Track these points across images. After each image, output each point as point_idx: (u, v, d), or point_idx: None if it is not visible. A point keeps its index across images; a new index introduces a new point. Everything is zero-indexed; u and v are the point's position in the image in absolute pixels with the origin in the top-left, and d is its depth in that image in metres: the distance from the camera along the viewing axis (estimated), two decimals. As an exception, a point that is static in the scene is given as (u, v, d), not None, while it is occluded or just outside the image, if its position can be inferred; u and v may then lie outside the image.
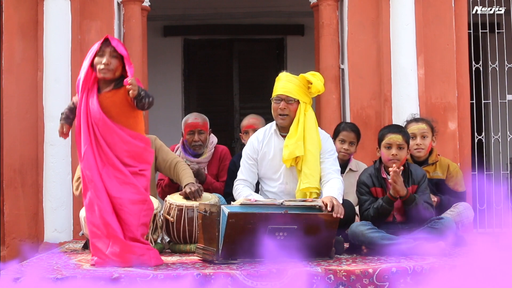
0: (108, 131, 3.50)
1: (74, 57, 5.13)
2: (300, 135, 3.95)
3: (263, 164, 4.09)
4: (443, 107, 5.33)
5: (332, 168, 3.99)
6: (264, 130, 4.17)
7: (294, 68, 6.81)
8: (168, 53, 8.02)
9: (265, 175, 4.11)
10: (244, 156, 4.15)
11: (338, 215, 3.58)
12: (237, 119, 8.08)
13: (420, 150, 4.38)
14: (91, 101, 3.51)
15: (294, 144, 3.94)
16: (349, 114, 5.35)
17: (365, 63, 5.34)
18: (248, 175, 4.11)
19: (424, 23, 5.30)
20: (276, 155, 4.06)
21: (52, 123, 4.97)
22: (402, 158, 3.97)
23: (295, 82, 4.00)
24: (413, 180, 4.00)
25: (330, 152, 4.05)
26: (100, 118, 3.49)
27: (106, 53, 3.51)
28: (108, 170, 3.46)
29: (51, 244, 4.95)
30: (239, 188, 4.07)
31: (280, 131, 4.08)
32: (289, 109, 3.99)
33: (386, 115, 5.23)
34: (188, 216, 3.99)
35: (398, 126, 4.16)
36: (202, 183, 4.64)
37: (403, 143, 3.97)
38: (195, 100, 8.26)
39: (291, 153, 3.94)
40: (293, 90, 3.97)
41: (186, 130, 4.82)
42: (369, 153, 5.05)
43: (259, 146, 4.11)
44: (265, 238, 3.44)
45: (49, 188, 5.02)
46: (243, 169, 4.13)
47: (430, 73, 5.30)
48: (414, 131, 4.40)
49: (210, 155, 4.88)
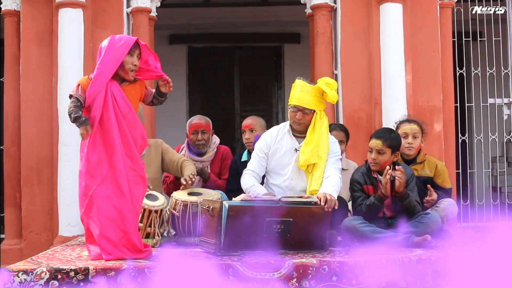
0: (133, 125, 3.40)
1: (86, 63, 5.13)
2: (316, 143, 3.96)
3: (273, 159, 4.09)
4: (430, 109, 5.33)
5: (333, 166, 4.00)
6: (278, 128, 4.16)
7: (291, 73, 6.83)
8: (174, 60, 8.01)
9: (273, 170, 4.11)
10: (256, 150, 4.15)
11: (329, 209, 3.59)
12: (238, 121, 8.08)
13: (410, 149, 4.38)
14: (117, 94, 3.36)
15: (310, 152, 3.95)
16: (342, 116, 5.35)
17: (357, 69, 5.34)
18: (257, 167, 4.11)
19: (412, 32, 5.30)
20: (287, 153, 4.06)
21: (66, 125, 4.97)
22: (381, 162, 3.95)
23: (311, 92, 3.96)
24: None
25: (335, 153, 4.06)
26: (128, 112, 3.37)
27: (135, 54, 3.41)
28: (128, 163, 3.36)
29: (65, 237, 4.94)
30: (246, 177, 4.08)
31: (293, 132, 4.09)
32: (305, 119, 4.00)
33: (377, 117, 5.22)
34: (193, 211, 3.98)
35: (386, 131, 4.11)
36: (206, 180, 4.65)
37: (383, 149, 3.95)
38: (198, 103, 8.26)
39: (307, 159, 3.96)
40: (309, 101, 3.95)
41: (190, 130, 4.82)
42: (360, 153, 5.05)
43: (272, 142, 4.10)
44: (264, 230, 3.45)
45: (63, 185, 5.02)
46: (253, 160, 4.13)
47: (417, 78, 5.30)
48: (406, 130, 4.39)
49: (213, 155, 4.88)
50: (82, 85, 3.38)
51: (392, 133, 4.09)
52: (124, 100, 3.39)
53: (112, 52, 3.35)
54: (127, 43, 3.38)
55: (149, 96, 3.61)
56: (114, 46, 3.36)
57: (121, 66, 3.38)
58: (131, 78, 3.44)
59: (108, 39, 3.40)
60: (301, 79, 4.04)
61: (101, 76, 3.34)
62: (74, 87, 3.40)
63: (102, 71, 3.34)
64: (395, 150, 4.01)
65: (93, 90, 3.34)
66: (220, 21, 7.98)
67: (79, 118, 3.31)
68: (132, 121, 3.40)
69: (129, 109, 3.39)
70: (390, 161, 4.00)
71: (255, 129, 4.75)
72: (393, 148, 3.99)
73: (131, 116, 3.40)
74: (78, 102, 3.35)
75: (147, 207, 3.89)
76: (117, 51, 3.35)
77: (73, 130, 4.55)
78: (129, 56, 3.38)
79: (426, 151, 4.64)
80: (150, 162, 4.46)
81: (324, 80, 3.98)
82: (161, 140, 4.65)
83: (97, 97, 3.34)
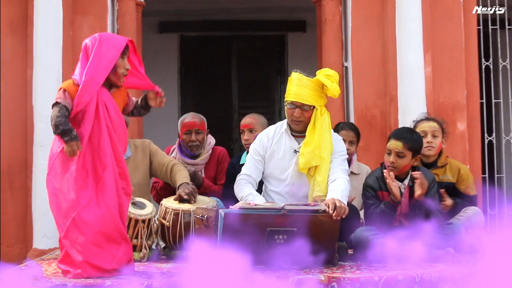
0: (123, 138, 3.39)
1: (65, 54, 5.12)
2: (317, 143, 3.95)
3: (271, 162, 4.09)
4: (452, 106, 5.31)
5: (339, 167, 3.98)
6: (274, 128, 4.15)
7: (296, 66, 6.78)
8: (164, 51, 8.02)
9: (271, 174, 4.10)
10: (251, 152, 4.14)
11: (338, 217, 3.56)
12: (236, 119, 8.07)
13: (430, 148, 4.37)
14: (109, 103, 3.32)
15: (311, 153, 3.94)
16: (353, 114, 5.35)
17: (369, 60, 5.33)
18: (253, 171, 4.09)
19: (432, 18, 5.29)
20: (286, 154, 4.05)
21: (42, 123, 4.96)
22: (400, 166, 3.96)
23: (310, 86, 3.94)
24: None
25: (340, 153, 4.04)
26: (120, 124, 3.36)
27: (127, 56, 3.38)
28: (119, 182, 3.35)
29: (41, 250, 4.93)
30: (241, 183, 4.07)
31: (291, 131, 4.08)
32: (304, 116, 3.98)
33: (392, 115, 5.21)
34: (185, 220, 3.97)
35: (407, 131, 4.11)
36: (199, 186, 4.63)
37: (403, 151, 3.95)
38: (191, 99, 8.26)
39: (307, 162, 3.94)
40: (308, 96, 3.94)
41: (182, 130, 4.81)
42: (374, 155, 5.05)
43: (269, 144, 4.10)
44: (265, 242, 3.44)
45: (38, 192, 5.00)
46: (248, 164, 4.12)
47: (438, 71, 5.29)
48: (425, 128, 4.40)
49: (208, 157, 4.86)
50: (69, 91, 3.31)
51: (414, 134, 4.09)
52: (116, 111, 3.37)
53: (102, 55, 3.31)
54: (119, 45, 3.35)
55: (130, 106, 3.58)
56: (104, 47, 3.32)
57: (112, 70, 3.35)
58: (121, 84, 3.42)
59: (97, 39, 3.35)
60: (297, 71, 4.02)
61: (91, 82, 3.29)
62: (59, 93, 3.32)
63: (92, 76, 3.29)
64: (416, 154, 4.01)
65: (83, 98, 3.28)
66: (216, 7, 7.98)
67: (70, 132, 3.23)
68: (122, 134, 3.40)
69: (120, 121, 3.38)
70: (410, 165, 4.00)
71: (255, 128, 4.74)
72: (414, 151, 3.99)
73: (121, 128, 3.39)
74: (67, 112, 3.27)
75: (133, 216, 3.89)
76: (107, 54, 3.32)
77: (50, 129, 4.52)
78: (121, 59, 3.36)
79: (448, 154, 4.63)
80: (136, 166, 4.45)
81: (323, 72, 3.96)
82: (149, 140, 4.63)
83: (89, 107, 3.29)
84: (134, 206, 3.98)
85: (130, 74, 3.44)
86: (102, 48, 3.31)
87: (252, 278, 3.13)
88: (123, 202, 3.38)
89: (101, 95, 3.33)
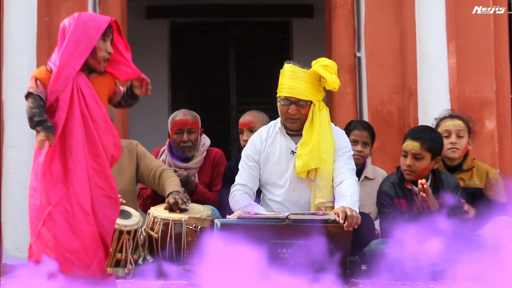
0: (105, 129, 3.37)
1: (40, 43, 5.10)
2: (315, 143, 3.95)
3: (267, 167, 4.09)
4: (479, 102, 5.30)
5: (345, 166, 3.97)
6: (268, 128, 4.16)
7: (302, 56, 6.79)
8: (152, 39, 8.01)
9: (269, 181, 4.10)
10: (244, 158, 4.15)
11: (350, 228, 3.56)
12: (234, 117, 8.09)
13: (454, 150, 4.36)
14: (86, 90, 3.31)
15: (309, 154, 3.94)
16: (366, 111, 5.35)
17: (385, 50, 5.33)
18: (248, 180, 4.09)
19: (456, 2, 5.28)
20: (282, 157, 4.05)
21: (14, 121, 4.96)
22: (418, 170, 3.97)
23: (306, 78, 3.95)
24: (444, 190, 3.99)
25: (344, 150, 4.04)
26: (99, 113, 3.34)
27: (109, 38, 3.38)
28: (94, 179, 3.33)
29: (12, 266, 4.91)
30: (236, 195, 4.06)
31: (286, 129, 4.08)
32: (300, 113, 3.99)
33: (411, 112, 5.21)
34: (176, 232, 3.98)
35: (425, 130, 4.12)
36: (192, 193, 4.64)
37: (421, 153, 3.96)
38: (183, 94, 8.26)
39: (305, 164, 3.94)
40: (304, 90, 3.94)
41: (173, 129, 4.81)
42: (391, 158, 5.05)
43: (262, 146, 4.10)
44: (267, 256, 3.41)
45: (9, 199, 4.99)
46: (242, 172, 4.12)
47: (463, 62, 5.28)
48: (448, 127, 4.40)
49: (202, 160, 4.87)
50: (41, 79, 3.31)
51: (433, 133, 4.10)
52: (95, 98, 3.36)
53: (80, 36, 3.30)
54: (100, 25, 3.34)
55: (118, 95, 3.58)
56: (82, 28, 3.31)
57: (92, 53, 3.34)
58: (102, 69, 3.42)
59: (74, 18, 3.34)
60: (290, 63, 4.02)
61: (66, 68, 3.29)
62: (31, 82, 3.31)
63: (67, 60, 3.29)
64: (436, 155, 4.01)
65: (57, 86, 3.28)
66: (212, -11, 7.99)
67: (44, 123, 3.21)
68: (103, 125, 3.38)
69: (100, 110, 3.37)
70: (430, 168, 3.99)
71: (255, 127, 4.74)
72: (433, 152, 3.99)
73: (102, 118, 3.37)
74: (41, 101, 3.26)
75: (117, 227, 3.88)
76: (86, 35, 3.31)
77: (23, 128, 4.52)
78: (101, 41, 3.35)
79: (475, 156, 4.63)
80: (122, 170, 4.46)
81: (320, 62, 3.96)
82: (136, 141, 4.63)
83: (63, 94, 3.28)
84: (119, 215, 3.95)
85: (115, 60, 3.43)
86: (80, 28, 3.30)
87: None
88: (103, 205, 3.34)
89: (78, 81, 3.32)
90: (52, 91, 3.28)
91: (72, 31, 3.30)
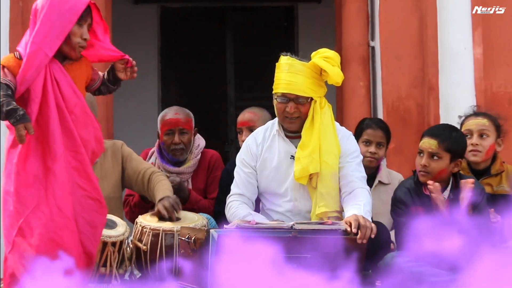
0: (84, 121, 3.38)
1: (13, 31, 5.12)
2: (316, 144, 3.96)
3: (264, 175, 4.10)
4: (508, 98, 5.31)
5: (356, 174, 3.99)
6: (264, 130, 4.17)
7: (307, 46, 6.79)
8: (140, 26, 8.02)
9: (267, 190, 4.11)
10: (239, 164, 4.16)
11: (364, 240, 3.57)
12: (232, 114, 8.11)
13: (475, 153, 4.36)
14: (61, 78, 3.33)
15: (308, 157, 3.95)
16: (381, 107, 5.37)
17: (403, 39, 5.34)
18: (245, 188, 4.10)
19: (482, -15, 5.30)
20: (281, 162, 4.06)
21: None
22: (434, 171, 3.97)
23: (305, 72, 3.95)
24: (468, 196, 3.99)
25: (353, 155, 4.05)
26: (77, 103, 3.34)
27: (86, 23, 3.40)
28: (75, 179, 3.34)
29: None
30: (233, 206, 4.06)
31: (285, 131, 4.09)
32: (299, 111, 3.99)
33: (432, 109, 5.23)
34: (166, 243, 3.98)
35: (444, 128, 4.13)
36: (185, 200, 4.64)
37: (439, 152, 3.96)
38: (175, 89, 8.28)
39: (304, 169, 3.95)
40: (304, 85, 3.94)
41: (163, 129, 4.81)
42: (408, 160, 5.04)
43: (258, 151, 4.11)
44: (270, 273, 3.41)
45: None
46: (237, 180, 4.13)
47: (490, 53, 5.29)
48: (470, 127, 4.41)
49: (196, 163, 4.87)
50: (9, 67, 3.31)
51: (454, 132, 4.10)
52: (71, 87, 3.37)
53: (55, 20, 3.32)
54: (77, 7, 3.35)
55: (96, 81, 3.60)
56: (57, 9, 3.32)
57: (65, 39, 3.36)
58: (78, 56, 3.44)
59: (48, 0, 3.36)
60: (287, 55, 4.03)
61: (38, 54, 3.29)
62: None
63: (39, 46, 3.29)
64: (457, 156, 4.01)
65: (28, 75, 3.28)
66: (207, -30, 8.02)
67: (15, 112, 3.18)
68: (81, 116, 3.39)
69: (78, 99, 3.38)
70: (448, 171, 4.01)
71: (256, 127, 4.73)
72: (453, 152, 3.99)
73: (80, 108, 3.38)
74: (9, 90, 3.25)
75: (101, 238, 3.87)
76: (61, 17, 3.32)
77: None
78: (77, 25, 3.37)
79: (505, 159, 4.62)
80: (105, 174, 4.46)
81: (321, 54, 3.96)
82: (122, 142, 4.64)
83: (34, 84, 3.29)
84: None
85: (92, 46, 3.45)
86: (54, 10, 3.31)
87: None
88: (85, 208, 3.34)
89: (51, 69, 3.33)
90: (22, 81, 3.27)
91: (45, 13, 3.31)
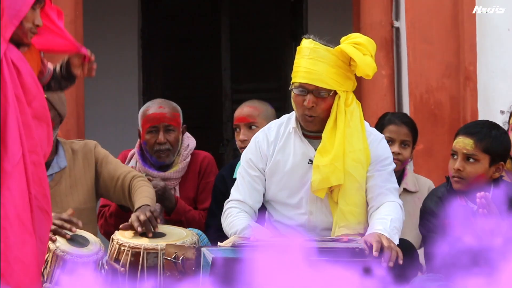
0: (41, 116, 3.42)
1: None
2: (339, 150, 3.95)
3: (274, 180, 4.10)
4: (560, 89, 5.32)
5: (386, 186, 4.00)
6: (277, 126, 4.16)
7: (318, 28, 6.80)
8: (118, 5, 8.02)
9: (276, 198, 4.12)
10: (244, 164, 4.15)
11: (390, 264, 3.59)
12: (228, 108, 8.16)
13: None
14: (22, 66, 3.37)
15: (329, 166, 3.94)
16: (407, 100, 5.39)
17: (433, 18, 5.36)
18: (248, 194, 4.09)
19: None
20: (297, 167, 4.05)
21: None
22: (470, 177, 3.99)
23: (329, 60, 3.94)
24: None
25: (384, 162, 4.05)
26: (36, 94, 3.40)
27: (40, 7, 3.45)
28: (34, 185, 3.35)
29: None
30: (231, 214, 4.06)
31: (303, 130, 4.09)
32: (320, 107, 3.98)
33: (469, 102, 5.25)
34: (149, 264, 3.97)
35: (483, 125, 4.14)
36: (171, 210, 4.64)
37: (475, 153, 3.97)
38: (159, 78, 8.34)
39: (324, 180, 3.95)
40: (326, 75, 3.93)
41: (145, 126, 4.82)
42: (440, 164, 5.08)
43: (269, 151, 4.10)
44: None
45: None
46: (240, 183, 4.13)
47: (539, 36, 5.30)
48: (510, 124, 4.46)
49: (185, 167, 4.89)
50: None
51: (494, 129, 4.11)
52: (32, 77, 3.42)
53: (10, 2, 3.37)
54: None
55: (46, 75, 3.64)
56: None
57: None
58: (29, 42, 3.48)
59: None
60: (310, 37, 4.02)
61: None
62: None
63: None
64: (498, 159, 4.03)
65: None
66: None
67: None
68: (39, 111, 3.43)
69: (38, 91, 3.43)
70: (488, 176, 4.02)
71: (256, 123, 4.77)
72: (492, 154, 4.01)
73: (39, 102, 3.43)
74: None
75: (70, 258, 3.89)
76: (17, 1, 3.38)
77: None
78: (31, 9, 3.43)
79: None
80: (74, 182, 4.47)
81: (351, 39, 3.97)
82: (95, 142, 4.63)
83: None
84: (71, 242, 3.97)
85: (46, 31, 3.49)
86: None
87: None
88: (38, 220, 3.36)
89: (10, 55, 3.37)
90: None
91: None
